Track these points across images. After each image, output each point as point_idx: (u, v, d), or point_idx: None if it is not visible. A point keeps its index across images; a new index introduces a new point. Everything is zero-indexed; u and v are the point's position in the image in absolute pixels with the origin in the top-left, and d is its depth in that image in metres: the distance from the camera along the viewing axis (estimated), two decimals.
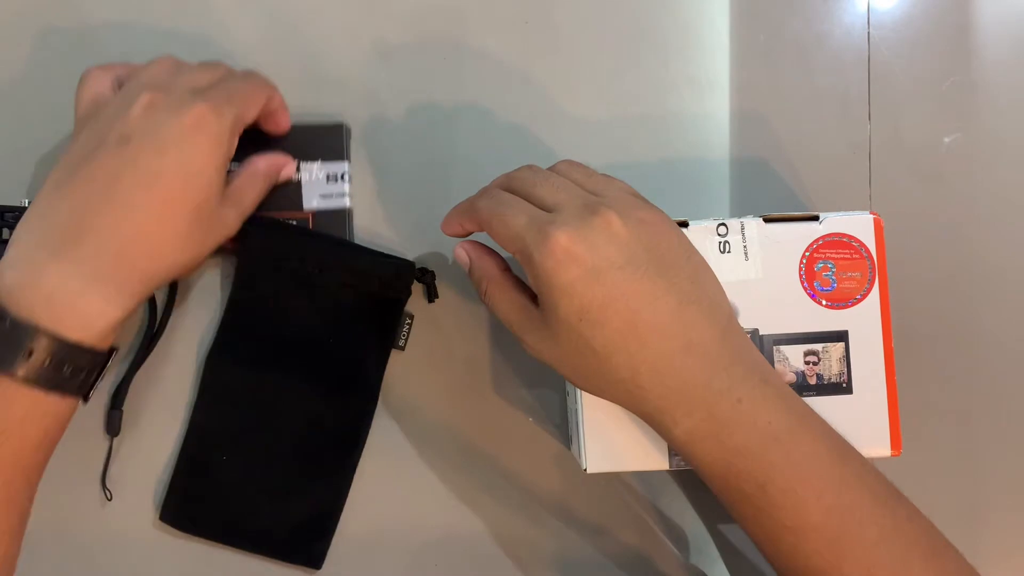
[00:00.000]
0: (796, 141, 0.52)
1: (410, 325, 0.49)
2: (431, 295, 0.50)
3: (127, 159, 0.39)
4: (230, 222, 0.44)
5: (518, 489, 0.51)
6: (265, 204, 0.47)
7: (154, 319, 0.49)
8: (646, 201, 0.41)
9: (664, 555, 0.51)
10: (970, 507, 0.51)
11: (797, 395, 0.40)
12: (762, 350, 0.43)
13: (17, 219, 0.46)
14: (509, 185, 0.42)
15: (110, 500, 0.49)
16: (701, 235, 0.43)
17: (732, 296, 0.43)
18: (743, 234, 0.43)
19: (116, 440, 0.49)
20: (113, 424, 0.49)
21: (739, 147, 0.52)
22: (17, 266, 0.38)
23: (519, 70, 0.52)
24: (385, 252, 0.49)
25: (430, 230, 0.51)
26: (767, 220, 0.43)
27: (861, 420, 0.43)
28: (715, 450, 0.38)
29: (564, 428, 0.50)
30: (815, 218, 0.44)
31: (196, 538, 0.49)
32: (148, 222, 0.39)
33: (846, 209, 0.45)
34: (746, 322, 0.43)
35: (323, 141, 0.49)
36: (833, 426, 0.42)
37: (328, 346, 0.48)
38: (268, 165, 0.47)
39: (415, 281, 0.49)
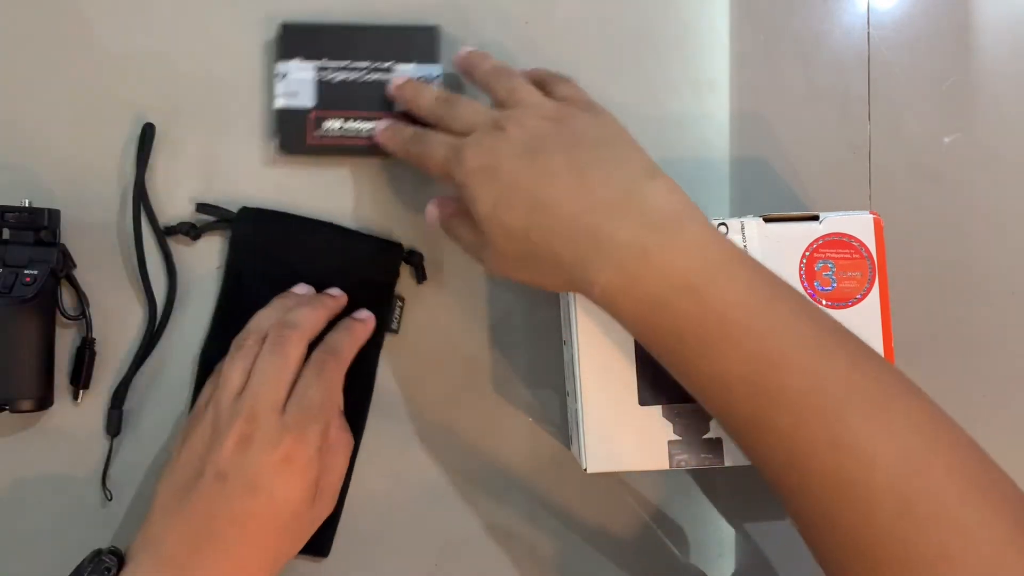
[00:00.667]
0: (796, 141, 0.52)
1: (402, 307, 0.50)
2: (420, 276, 0.50)
3: (222, 498, 0.42)
4: (319, 518, 0.45)
5: (518, 489, 0.51)
6: (357, 104, 0.48)
7: (154, 319, 0.49)
8: (559, 105, 0.43)
9: (664, 555, 0.51)
10: None
11: (726, 240, 0.39)
12: None
13: (17, 219, 0.47)
14: (431, 117, 0.45)
15: (110, 500, 0.49)
16: None
17: None
18: (743, 234, 0.43)
19: (116, 440, 0.49)
20: (113, 424, 0.49)
21: (739, 147, 0.52)
22: None
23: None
24: (374, 235, 0.49)
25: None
26: (767, 220, 0.43)
27: None
28: (630, 304, 0.38)
29: (564, 428, 0.50)
30: (815, 218, 0.44)
31: None
32: (245, 551, 0.42)
33: (846, 209, 0.45)
34: None
35: (416, 43, 0.49)
36: None
37: (321, 332, 0.48)
38: (347, 444, 0.47)
39: (403, 263, 0.49)
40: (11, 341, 0.45)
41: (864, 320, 0.44)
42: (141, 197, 0.48)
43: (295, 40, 0.49)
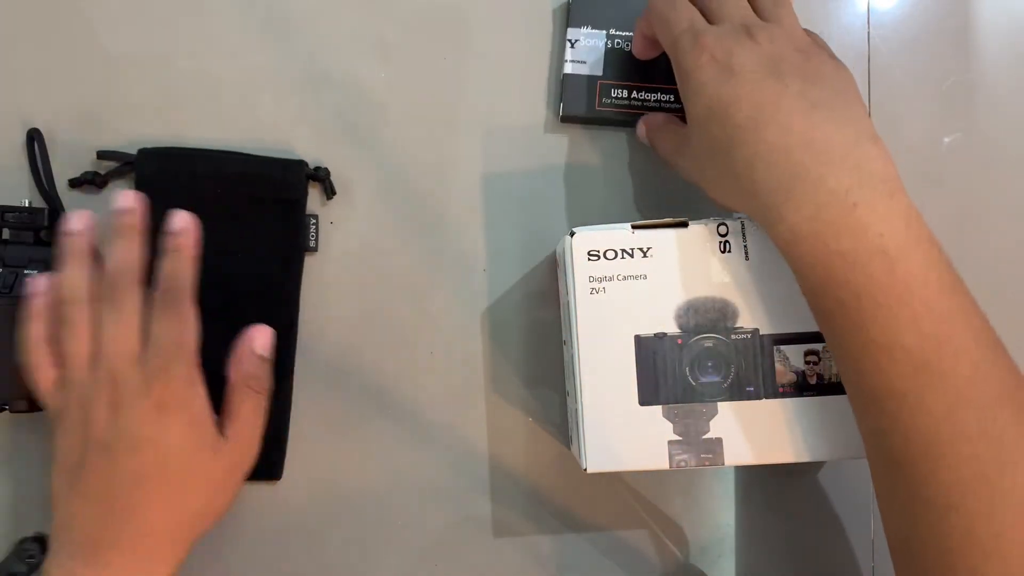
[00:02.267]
0: None
1: (316, 225, 0.50)
2: (329, 192, 0.50)
3: (112, 466, 0.42)
4: (238, 462, 0.45)
5: (518, 489, 0.51)
6: (641, 76, 0.50)
7: None
8: (811, 42, 0.43)
9: (664, 555, 0.51)
10: None
11: (924, 223, 0.38)
12: (762, 350, 0.43)
13: (17, 219, 0.47)
14: None
15: None
16: (701, 235, 0.43)
17: (732, 296, 0.43)
18: (743, 234, 0.43)
19: None
20: None
21: None
22: (58, 570, 0.41)
23: (519, 70, 0.52)
24: (276, 156, 0.49)
25: (428, 231, 0.51)
26: None
27: None
28: (818, 251, 0.38)
29: (564, 428, 0.50)
30: None
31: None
32: (151, 513, 0.42)
33: None
34: (746, 322, 0.43)
35: None
36: (833, 427, 0.42)
37: (237, 260, 0.49)
38: (254, 366, 0.46)
39: (310, 180, 0.50)
40: (11, 341, 0.45)
41: None
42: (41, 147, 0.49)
43: (585, 7, 0.50)
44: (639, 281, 0.43)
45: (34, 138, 0.48)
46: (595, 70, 0.50)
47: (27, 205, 0.47)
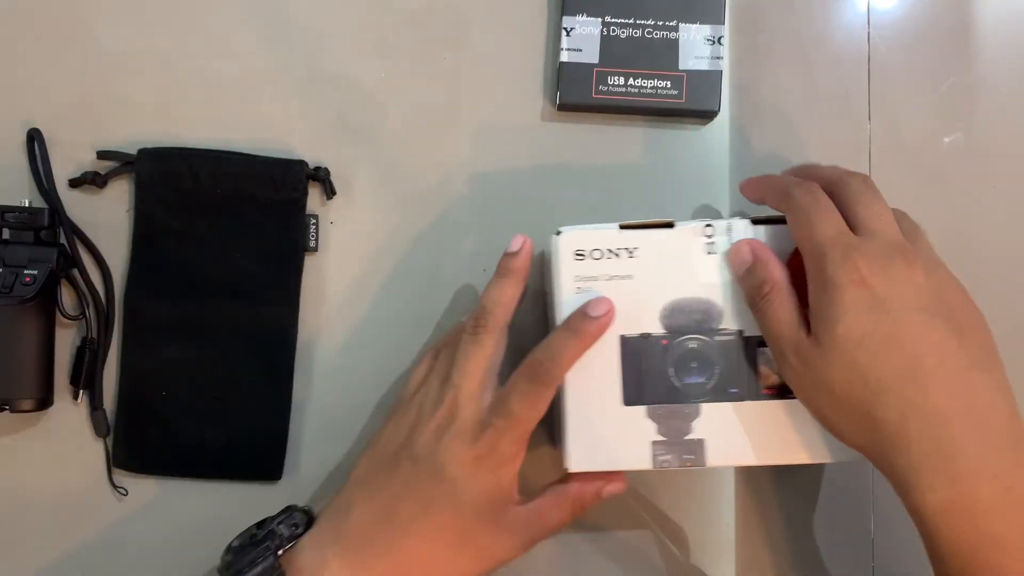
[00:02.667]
0: (796, 141, 0.52)
1: (316, 225, 0.50)
2: (329, 192, 0.50)
3: (409, 482, 0.42)
4: (506, 552, 0.43)
5: (518, 489, 0.51)
6: (638, 63, 0.49)
7: (100, 309, 0.49)
8: (947, 270, 0.41)
9: (664, 555, 0.51)
10: None
11: None
12: (746, 352, 0.43)
13: (17, 219, 0.47)
14: (831, 186, 0.41)
15: (126, 495, 0.49)
16: (687, 236, 0.43)
17: (717, 297, 0.43)
18: (730, 235, 0.43)
19: (109, 439, 0.49)
20: (100, 425, 0.49)
21: (739, 147, 0.52)
22: (311, 550, 0.42)
23: (517, 62, 0.52)
24: (276, 156, 0.49)
25: (428, 231, 0.51)
26: (755, 222, 0.43)
27: None
28: (967, 531, 0.36)
29: (551, 426, 0.50)
30: None
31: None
32: (419, 545, 0.42)
33: None
34: (731, 323, 0.43)
35: (702, 2, 0.50)
36: (815, 430, 0.42)
37: (238, 260, 0.49)
38: (581, 492, 0.44)
39: (310, 180, 0.49)
40: (11, 341, 0.45)
41: None
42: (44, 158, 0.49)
43: None
44: (625, 281, 0.43)
45: (34, 138, 0.48)
46: (591, 58, 0.50)
47: (27, 205, 0.47)
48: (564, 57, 0.50)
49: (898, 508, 0.38)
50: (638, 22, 0.50)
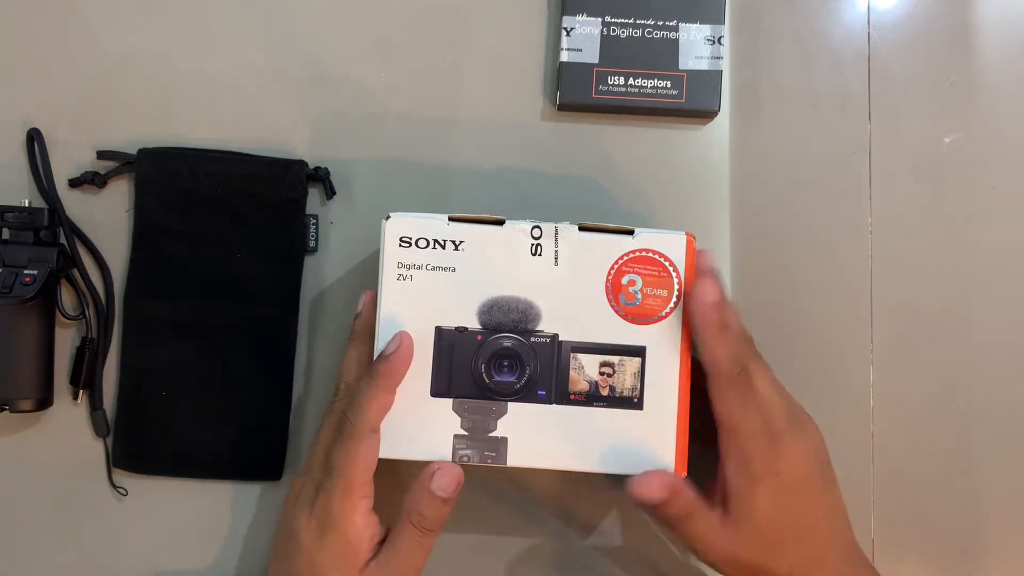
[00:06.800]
0: (796, 141, 0.52)
1: (316, 225, 0.50)
2: (328, 192, 0.50)
3: (285, 553, 0.44)
4: None
5: (519, 490, 0.51)
6: (638, 63, 0.50)
7: (100, 309, 0.49)
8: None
9: (664, 555, 0.51)
10: (970, 507, 0.51)
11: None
12: (559, 356, 0.43)
13: (17, 219, 0.47)
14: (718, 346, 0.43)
15: (125, 495, 0.49)
16: (514, 235, 0.43)
17: (536, 299, 0.43)
18: (556, 239, 0.43)
19: (108, 439, 0.49)
20: (99, 425, 0.49)
21: (739, 147, 0.52)
22: None
23: (519, 70, 0.52)
24: (276, 156, 0.49)
25: None
26: (582, 228, 0.43)
27: (648, 436, 0.43)
28: None
29: None
30: (630, 232, 0.43)
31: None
32: None
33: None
34: (547, 327, 0.43)
35: (703, 2, 0.50)
36: (619, 440, 0.43)
37: (238, 260, 0.49)
38: (414, 503, 0.43)
39: (309, 180, 0.49)
40: (11, 341, 0.45)
41: (664, 338, 0.43)
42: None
43: None
44: (447, 273, 0.43)
45: (34, 138, 0.49)
46: (591, 57, 0.50)
47: (27, 205, 0.48)
48: (564, 57, 0.50)
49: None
50: (638, 22, 0.50)
